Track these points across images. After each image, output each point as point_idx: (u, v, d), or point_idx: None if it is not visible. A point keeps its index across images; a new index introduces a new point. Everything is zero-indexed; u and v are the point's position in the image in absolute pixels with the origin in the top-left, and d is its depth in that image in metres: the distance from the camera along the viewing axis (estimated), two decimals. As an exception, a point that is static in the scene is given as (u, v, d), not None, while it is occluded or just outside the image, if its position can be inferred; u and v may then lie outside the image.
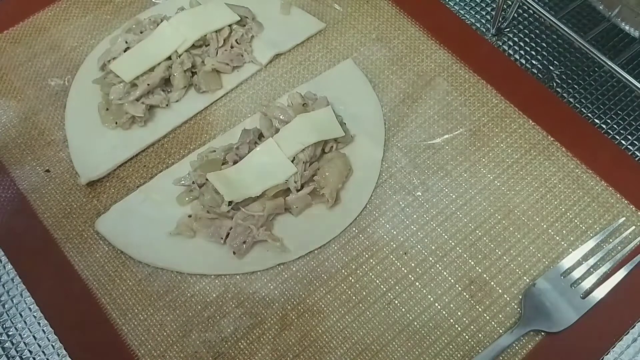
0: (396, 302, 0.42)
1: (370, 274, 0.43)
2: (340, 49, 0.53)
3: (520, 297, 0.42)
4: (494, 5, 0.56)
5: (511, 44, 0.54)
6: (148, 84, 0.48)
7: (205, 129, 0.49)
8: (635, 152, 0.48)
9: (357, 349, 0.40)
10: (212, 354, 0.40)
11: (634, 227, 0.44)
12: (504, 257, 0.43)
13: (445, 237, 0.44)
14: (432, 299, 0.42)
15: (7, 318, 0.42)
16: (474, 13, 0.56)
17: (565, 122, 0.49)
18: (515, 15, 0.56)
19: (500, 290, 0.42)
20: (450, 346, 0.40)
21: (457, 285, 0.42)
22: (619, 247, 0.43)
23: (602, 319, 0.41)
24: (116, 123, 0.48)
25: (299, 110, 0.47)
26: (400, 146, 0.48)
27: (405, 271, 0.43)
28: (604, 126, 0.50)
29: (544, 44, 0.54)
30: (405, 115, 0.49)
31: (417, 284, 0.42)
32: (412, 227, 0.44)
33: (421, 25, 0.54)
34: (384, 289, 0.42)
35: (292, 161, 0.45)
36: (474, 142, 0.48)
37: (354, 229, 0.44)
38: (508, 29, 0.55)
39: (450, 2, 0.57)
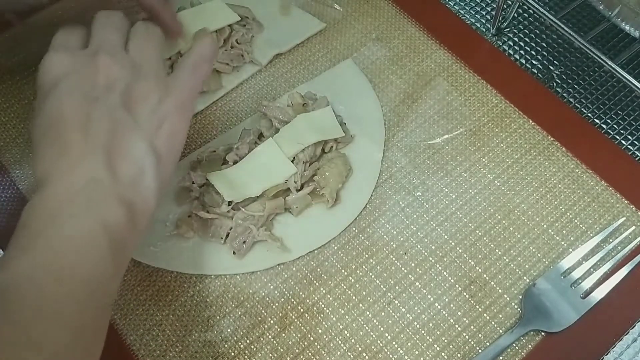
0: (396, 302, 0.42)
1: (370, 274, 0.43)
2: (340, 49, 0.53)
3: (520, 297, 0.42)
4: (494, 5, 0.56)
5: (511, 43, 0.54)
6: (148, 84, 0.48)
7: (205, 129, 0.49)
8: (636, 152, 0.48)
9: (356, 350, 0.40)
10: (212, 354, 0.40)
11: (634, 227, 0.44)
12: (504, 257, 0.43)
13: (445, 237, 0.44)
14: (432, 299, 0.42)
15: (7, 318, 0.42)
16: (474, 13, 0.56)
17: (565, 122, 0.49)
18: (515, 15, 0.56)
19: (500, 290, 0.42)
20: (450, 346, 0.40)
21: (457, 286, 0.42)
22: (619, 247, 0.43)
23: (602, 319, 0.41)
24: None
25: (299, 110, 0.47)
26: (400, 146, 0.48)
27: (405, 271, 0.43)
28: (604, 126, 0.50)
29: (544, 44, 0.54)
30: (405, 115, 0.49)
31: (417, 284, 0.42)
32: (412, 227, 0.44)
33: (421, 25, 0.54)
34: (384, 289, 0.42)
35: (292, 161, 0.45)
36: (474, 142, 0.48)
37: (353, 229, 0.44)
38: (508, 29, 0.55)
39: (450, 2, 0.57)
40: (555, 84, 0.52)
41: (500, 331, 0.41)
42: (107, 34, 0.37)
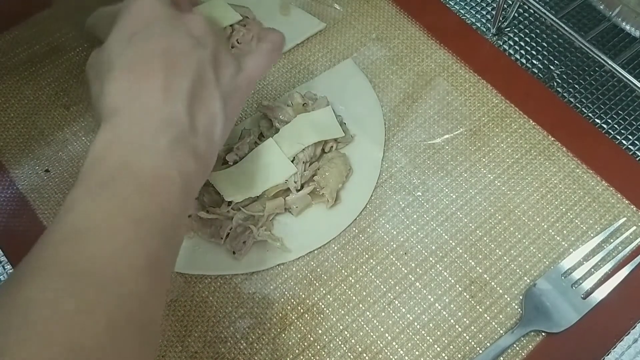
0: (396, 302, 0.42)
1: (370, 274, 0.43)
2: (340, 49, 0.53)
3: (520, 297, 0.42)
4: (495, 5, 0.56)
5: (511, 43, 0.54)
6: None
7: (205, 129, 0.49)
8: (636, 152, 0.48)
9: (356, 350, 0.40)
10: (212, 355, 0.40)
11: (634, 227, 0.44)
12: (505, 258, 0.43)
13: (446, 237, 0.44)
14: (432, 299, 0.42)
15: (6, 318, 0.42)
16: (474, 13, 0.56)
17: (566, 122, 0.48)
18: (516, 14, 0.56)
19: (500, 291, 0.42)
20: (451, 347, 0.40)
21: (457, 286, 0.42)
22: (620, 248, 0.43)
23: (602, 320, 0.41)
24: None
25: (299, 110, 0.47)
26: (400, 146, 0.48)
27: (406, 271, 0.43)
28: (604, 126, 0.50)
29: (544, 44, 0.54)
30: (405, 115, 0.49)
31: (417, 284, 0.42)
32: (412, 227, 0.44)
33: (421, 25, 0.54)
34: (384, 290, 0.42)
35: (292, 161, 0.45)
36: (474, 142, 0.48)
37: (354, 229, 0.44)
38: (508, 29, 0.55)
39: (450, 2, 0.56)
40: (555, 84, 0.52)
41: (501, 331, 0.41)
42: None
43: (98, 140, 0.31)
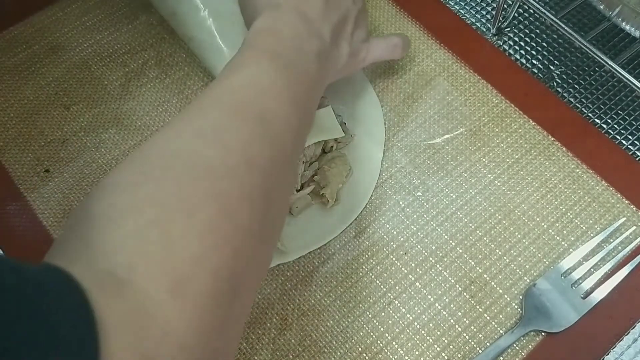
0: (396, 302, 0.42)
1: (371, 274, 0.43)
2: (340, 49, 0.53)
3: (520, 297, 0.42)
4: (494, 5, 0.56)
5: (511, 43, 0.54)
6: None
7: (205, 129, 0.49)
8: (636, 152, 0.48)
9: (356, 350, 0.40)
10: (212, 355, 0.40)
11: (634, 227, 0.44)
12: (505, 258, 0.43)
13: (446, 237, 0.44)
14: (432, 299, 0.42)
15: (7, 318, 0.42)
16: (474, 13, 0.56)
17: (566, 122, 0.49)
18: (516, 14, 0.55)
19: (500, 291, 0.42)
20: (451, 347, 0.40)
21: (457, 286, 0.42)
22: (620, 247, 0.43)
23: (602, 320, 0.41)
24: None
25: (299, 110, 0.47)
26: (401, 146, 0.48)
27: (406, 271, 0.43)
28: (604, 126, 0.50)
29: (544, 44, 0.54)
30: (405, 115, 0.49)
31: (417, 284, 0.42)
32: (412, 227, 0.44)
33: (421, 25, 0.54)
34: (384, 290, 0.42)
35: (292, 161, 0.45)
36: (474, 142, 0.48)
37: (354, 229, 0.44)
38: (508, 29, 0.55)
39: (450, 2, 0.56)
40: (555, 84, 0.52)
41: (501, 331, 0.41)
42: None
43: (259, 24, 0.35)
